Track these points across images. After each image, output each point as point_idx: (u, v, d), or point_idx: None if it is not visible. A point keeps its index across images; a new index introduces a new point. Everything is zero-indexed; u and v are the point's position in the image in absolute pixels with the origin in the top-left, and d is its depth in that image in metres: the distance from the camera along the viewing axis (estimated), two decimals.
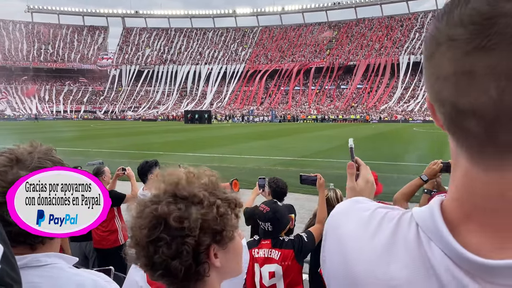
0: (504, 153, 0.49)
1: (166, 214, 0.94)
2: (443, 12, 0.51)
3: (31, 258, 1.09)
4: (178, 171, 1.00)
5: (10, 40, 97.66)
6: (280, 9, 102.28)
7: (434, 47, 0.50)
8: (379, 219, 0.66)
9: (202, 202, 0.98)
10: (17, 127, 43.23)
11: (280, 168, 13.59)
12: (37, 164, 1.10)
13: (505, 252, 0.49)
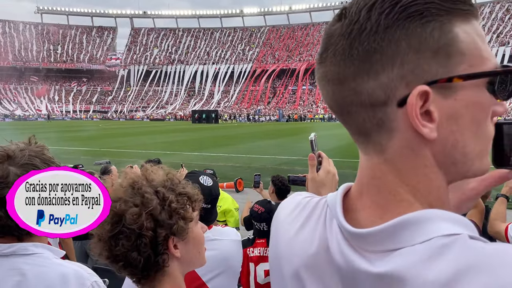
0: (359, 140, 0.61)
1: (123, 211, 1.03)
2: None
3: (19, 247, 1.16)
4: (135, 170, 1.09)
5: (20, 41, 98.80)
6: (287, 8, 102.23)
7: None
8: (304, 204, 0.73)
9: (155, 198, 1.06)
10: (29, 127, 43.79)
11: (286, 168, 13.69)
12: (26, 161, 1.17)
13: (380, 222, 0.55)
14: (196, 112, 65.28)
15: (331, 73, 0.58)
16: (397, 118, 0.54)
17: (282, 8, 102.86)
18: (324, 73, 0.60)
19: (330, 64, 0.58)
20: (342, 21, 0.57)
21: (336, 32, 0.57)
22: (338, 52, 0.56)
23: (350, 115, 0.59)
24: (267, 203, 3.25)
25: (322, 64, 0.61)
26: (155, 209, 1.05)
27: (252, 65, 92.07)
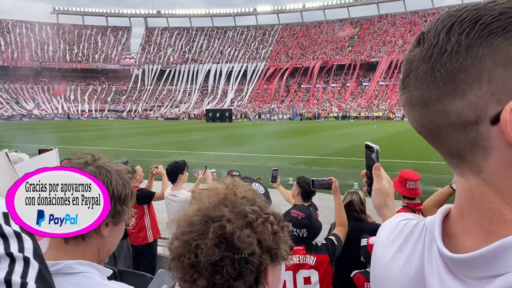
0: (453, 161, 0.59)
1: (232, 234, 0.89)
2: None
3: (64, 265, 1.10)
4: (218, 184, 0.98)
5: (36, 41, 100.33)
6: (301, 6, 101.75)
7: None
8: (401, 227, 0.73)
9: (260, 219, 0.94)
10: (54, 126, 44.41)
11: (303, 167, 13.57)
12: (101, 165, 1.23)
13: (483, 245, 0.52)
14: (210, 111, 65.46)
15: (415, 97, 0.58)
16: (491, 136, 0.52)
17: (296, 6, 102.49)
18: (408, 98, 0.60)
19: (413, 88, 0.58)
20: (421, 46, 0.57)
21: (416, 57, 0.58)
22: (420, 76, 0.57)
23: (440, 137, 0.58)
24: (306, 208, 3.13)
25: (405, 90, 0.61)
26: (263, 232, 0.92)
27: (265, 64, 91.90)
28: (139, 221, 5.08)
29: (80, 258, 1.14)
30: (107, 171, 1.20)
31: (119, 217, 1.20)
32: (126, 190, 1.22)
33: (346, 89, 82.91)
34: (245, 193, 0.98)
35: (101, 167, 1.20)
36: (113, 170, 1.22)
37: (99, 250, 1.20)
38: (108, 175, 1.19)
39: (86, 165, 1.20)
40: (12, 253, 0.79)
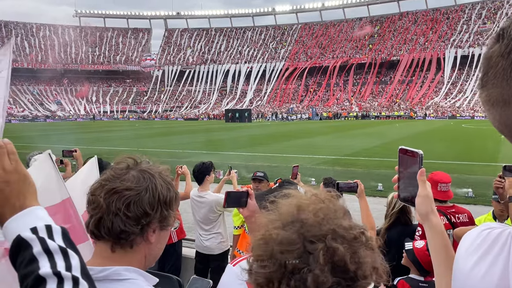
0: None
1: (342, 255, 0.77)
2: None
3: (113, 271, 1.09)
4: (297, 194, 0.88)
5: (60, 44, 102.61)
6: (320, 5, 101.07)
7: None
8: (483, 237, 0.71)
9: (360, 236, 0.84)
10: (79, 127, 45.36)
11: (326, 167, 13.45)
12: (145, 169, 1.20)
13: None
14: (229, 111, 65.70)
15: (494, 95, 0.56)
16: None
17: (315, 5, 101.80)
18: (488, 97, 0.57)
19: (492, 86, 0.56)
20: (500, 42, 0.55)
21: (495, 53, 0.56)
22: (499, 73, 0.54)
23: None
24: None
25: (484, 88, 0.58)
26: (367, 250, 0.83)
27: (284, 63, 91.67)
28: None
29: (127, 265, 1.12)
30: (150, 175, 1.16)
31: (165, 221, 1.17)
32: (170, 194, 1.18)
33: (367, 88, 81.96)
34: (337, 205, 0.89)
35: (144, 171, 1.16)
36: (156, 174, 1.17)
37: (145, 257, 1.17)
38: (152, 180, 1.15)
39: (128, 169, 1.16)
40: (60, 272, 0.75)
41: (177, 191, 1.25)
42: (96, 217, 1.11)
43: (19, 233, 0.79)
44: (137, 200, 1.11)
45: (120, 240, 1.11)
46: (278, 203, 0.89)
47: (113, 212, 1.10)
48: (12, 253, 0.79)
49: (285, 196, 0.91)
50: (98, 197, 1.12)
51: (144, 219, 1.11)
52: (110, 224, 1.09)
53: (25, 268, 0.76)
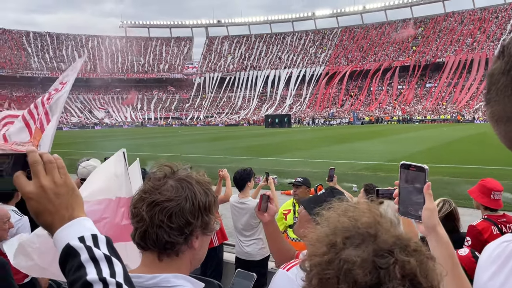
0: None
1: (414, 269, 0.75)
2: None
3: (162, 279, 1.12)
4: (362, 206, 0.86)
5: (107, 54, 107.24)
6: (361, 8, 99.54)
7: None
8: (501, 249, 0.72)
9: (420, 246, 0.81)
10: (131, 133, 47.17)
11: (367, 173, 13.18)
12: (184, 177, 1.22)
13: None
14: (269, 117, 65.88)
15: (497, 112, 0.57)
16: None
17: (356, 8, 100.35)
18: (491, 114, 0.58)
19: (494, 103, 0.57)
20: (501, 59, 0.56)
21: (496, 70, 0.57)
22: (500, 90, 0.55)
23: None
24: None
25: (488, 105, 0.59)
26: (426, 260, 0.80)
27: (324, 68, 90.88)
28: None
29: (175, 271, 1.15)
30: (188, 183, 1.18)
31: (207, 227, 1.20)
32: (209, 198, 1.20)
33: (410, 91, 79.59)
34: (388, 215, 0.86)
35: (182, 180, 1.18)
36: (193, 181, 1.20)
37: (191, 262, 1.21)
38: (190, 188, 1.17)
39: (166, 179, 1.19)
40: (105, 278, 0.81)
41: (215, 194, 1.25)
42: (141, 230, 1.14)
43: (68, 241, 0.85)
44: (178, 210, 1.13)
45: (166, 250, 1.14)
46: (332, 215, 0.87)
47: (156, 225, 1.12)
48: (61, 260, 0.85)
49: (338, 208, 0.90)
50: (140, 210, 1.15)
51: (187, 228, 1.14)
52: (155, 236, 1.12)
53: (74, 274, 0.82)
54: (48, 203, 0.89)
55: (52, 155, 0.93)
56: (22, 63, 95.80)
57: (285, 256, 2.20)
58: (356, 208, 0.87)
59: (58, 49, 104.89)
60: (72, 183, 0.94)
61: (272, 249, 2.25)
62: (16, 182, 0.89)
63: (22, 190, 0.89)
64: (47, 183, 0.89)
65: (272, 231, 2.14)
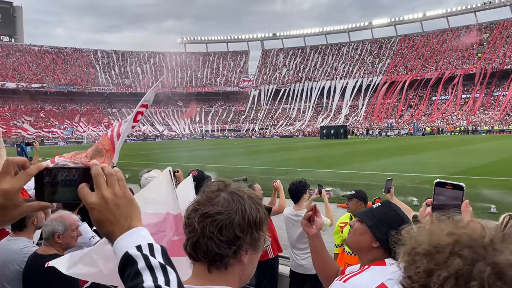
0: None
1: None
2: None
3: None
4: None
5: (168, 69, 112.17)
6: (421, 15, 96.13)
7: None
8: None
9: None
10: (193, 145, 48.94)
11: (428, 187, 12.60)
12: (235, 191, 1.26)
13: None
14: (324, 128, 65.13)
15: None
16: None
17: (415, 15, 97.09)
18: None
19: None
20: None
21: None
22: None
23: None
24: None
25: None
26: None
27: (382, 77, 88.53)
28: None
29: (225, 285, 1.18)
30: (239, 197, 1.21)
31: (257, 243, 1.21)
32: (260, 214, 1.22)
33: (475, 100, 75.21)
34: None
35: (233, 193, 1.22)
36: (245, 195, 1.23)
37: (240, 277, 1.22)
38: (241, 202, 1.20)
39: (219, 191, 1.23)
40: (161, 286, 0.86)
41: (266, 212, 1.27)
42: (193, 240, 1.18)
43: (127, 250, 0.91)
44: (228, 223, 1.16)
45: (216, 262, 1.17)
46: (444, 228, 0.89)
47: (207, 236, 1.15)
48: (120, 267, 0.92)
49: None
50: (193, 220, 1.19)
51: (237, 242, 1.16)
52: (205, 248, 1.16)
53: (132, 281, 0.88)
54: (109, 213, 0.96)
55: (113, 168, 1.00)
56: (91, 80, 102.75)
57: (329, 272, 2.17)
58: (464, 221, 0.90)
59: (123, 66, 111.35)
60: (130, 195, 1.00)
61: (316, 264, 2.23)
62: (80, 193, 0.97)
63: (85, 200, 0.97)
64: (108, 194, 0.96)
65: (317, 245, 2.13)
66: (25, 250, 3.11)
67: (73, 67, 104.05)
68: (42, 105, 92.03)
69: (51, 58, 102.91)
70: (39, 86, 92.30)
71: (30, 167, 1.01)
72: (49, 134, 75.58)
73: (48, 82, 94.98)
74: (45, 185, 1.01)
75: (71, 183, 1.00)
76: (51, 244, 3.04)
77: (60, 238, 3.04)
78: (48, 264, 2.12)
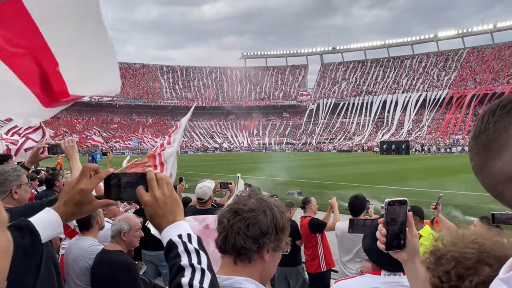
0: None
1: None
2: None
3: (235, 280, 1.33)
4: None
5: (228, 84, 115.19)
6: (492, 27, 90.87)
7: None
8: None
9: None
10: (255, 158, 49.95)
11: (494, 207, 11.92)
12: (261, 198, 1.45)
13: None
14: (385, 143, 63.22)
15: (474, 167, 0.75)
16: None
17: (485, 27, 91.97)
18: (473, 169, 0.76)
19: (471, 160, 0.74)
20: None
21: (475, 131, 0.75)
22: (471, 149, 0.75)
23: (502, 195, 0.71)
24: None
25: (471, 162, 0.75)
26: None
27: (448, 91, 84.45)
28: (313, 250, 5.38)
29: (247, 276, 1.35)
30: (267, 203, 1.40)
31: (279, 244, 1.38)
32: (283, 220, 1.40)
33: None
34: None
35: (262, 199, 1.40)
36: (272, 202, 1.42)
37: (261, 274, 1.39)
38: (268, 205, 1.39)
39: (249, 197, 1.41)
40: (193, 264, 1.10)
41: (288, 220, 1.45)
42: (223, 235, 1.37)
43: (170, 237, 1.16)
44: (255, 222, 1.34)
45: (241, 255, 1.35)
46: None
47: (235, 231, 1.34)
48: (165, 251, 1.17)
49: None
50: (224, 218, 1.38)
51: (261, 240, 1.34)
52: (233, 241, 1.34)
53: (173, 261, 1.13)
54: (159, 210, 1.19)
55: (162, 174, 1.24)
56: (156, 94, 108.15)
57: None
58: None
59: (187, 81, 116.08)
60: (176, 195, 1.23)
61: None
62: (138, 193, 1.21)
63: (141, 199, 1.20)
64: (158, 194, 1.19)
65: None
66: (92, 248, 3.40)
67: (141, 81, 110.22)
68: (111, 117, 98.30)
69: (121, 73, 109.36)
70: (110, 99, 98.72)
71: (101, 172, 1.26)
72: (116, 145, 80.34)
73: (117, 95, 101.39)
74: (112, 186, 1.24)
75: (132, 185, 1.23)
76: (117, 241, 3.34)
77: (126, 236, 3.32)
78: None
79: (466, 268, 0.95)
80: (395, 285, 1.85)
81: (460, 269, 0.95)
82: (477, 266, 0.94)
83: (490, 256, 0.97)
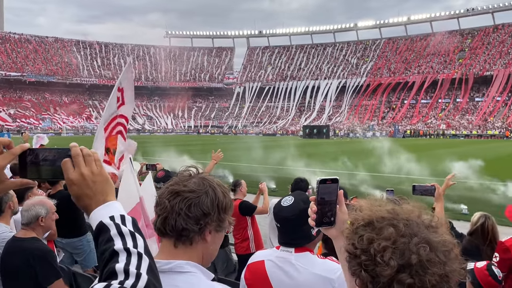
0: None
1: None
2: None
3: (176, 264, 1.26)
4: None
5: (151, 63, 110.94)
6: (406, 19, 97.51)
7: None
8: None
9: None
10: (185, 141, 48.48)
11: (405, 188, 12.80)
12: (203, 176, 1.39)
13: None
14: (307, 127, 65.53)
15: None
16: None
17: (400, 19, 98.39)
18: None
19: None
20: None
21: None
22: None
23: None
24: None
25: None
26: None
27: (365, 79, 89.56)
28: (243, 232, 5.26)
29: (188, 259, 1.28)
30: (209, 182, 1.33)
31: (221, 224, 1.33)
32: (226, 200, 1.34)
33: (456, 105, 76.86)
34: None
35: (204, 179, 1.34)
36: (214, 182, 1.34)
37: (203, 255, 1.32)
38: (211, 185, 1.32)
39: (191, 177, 1.34)
40: (129, 249, 0.99)
41: (231, 199, 1.39)
42: (162, 216, 1.29)
43: (101, 219, 1.04)
44: (197, 202, 1.27)
45: (182, 237, 1.28)
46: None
47: (176, 212, 1.26)
48: (95, 234, 1.05)
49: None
50: (164, 199, 1.30)
51: (203, 220, 1.28)
52: (173, 222, 1.26)
53: (104, 245, 1.01)
54: (86, 189, 1.06)
55: (90, 150, 1.11)
56: (72, 70, 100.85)
57: None
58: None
59: (106, 58, 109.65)
60: (106, 174, 1.11)
61: None
62: (64, 166, 1.07)
63: (66, 175, 1.07)
64: (86, 172, 1.07)
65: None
66: (2, 235, 3.13)
67: (54, 57, 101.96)
68: (21, 95, 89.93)
69: (31, 47, 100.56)
70: (18, 75, 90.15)
71: (14, 147, 1.08)
72: (27, 125, 73.89)
73: (27, 71, 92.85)
74: (28, 164, 1.09)
75: (52, 162, 1.09)
76: (32, 228, 3.08)
77: (43, 221, 3.11)
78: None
79: (377, 232, 0.95)
80: (283, 260, 1.94)
81: (371, 234, 0.95)
82: (383, 227, 0.95)
83: (401, 220, 0.97)
